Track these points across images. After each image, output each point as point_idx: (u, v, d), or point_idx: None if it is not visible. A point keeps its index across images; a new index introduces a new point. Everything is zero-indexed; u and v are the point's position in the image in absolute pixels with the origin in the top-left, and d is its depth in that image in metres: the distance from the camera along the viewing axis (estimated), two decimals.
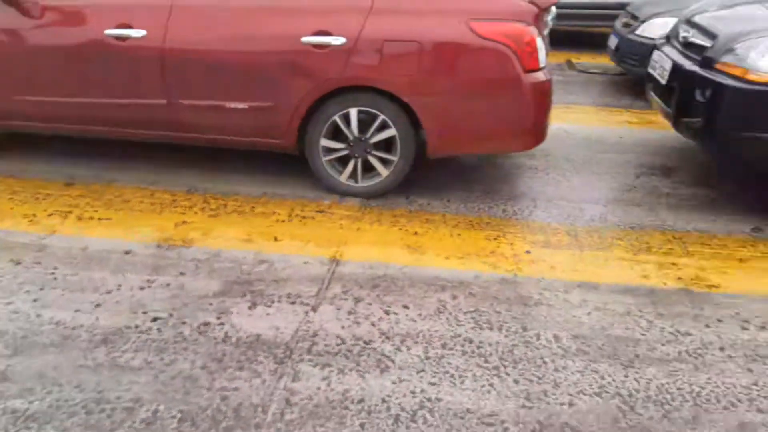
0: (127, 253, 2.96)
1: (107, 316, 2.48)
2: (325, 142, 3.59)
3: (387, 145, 3.57)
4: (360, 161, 3.60)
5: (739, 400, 2.15)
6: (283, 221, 3.36)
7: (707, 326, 2.56)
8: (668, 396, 2.15)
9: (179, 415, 1.99)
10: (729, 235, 3.39)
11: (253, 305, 2.59)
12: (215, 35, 3.51)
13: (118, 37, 3.54)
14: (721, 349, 2.42)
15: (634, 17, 6.29)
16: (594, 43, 8.47)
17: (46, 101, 3.82)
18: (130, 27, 3.53)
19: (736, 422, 2.05)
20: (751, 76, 3.29)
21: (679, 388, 2.19)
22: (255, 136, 3.69)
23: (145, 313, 2.51)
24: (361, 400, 2.09)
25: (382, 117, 3.47)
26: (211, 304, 2.58)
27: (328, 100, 3.49)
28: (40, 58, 3.73)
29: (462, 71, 3.36)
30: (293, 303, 2.61)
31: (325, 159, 3.63)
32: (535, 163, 4.33)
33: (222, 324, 2.46)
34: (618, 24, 6.60)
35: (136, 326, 2.42)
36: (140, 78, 3.61)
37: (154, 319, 2.47)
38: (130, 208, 3.45)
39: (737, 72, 3.36)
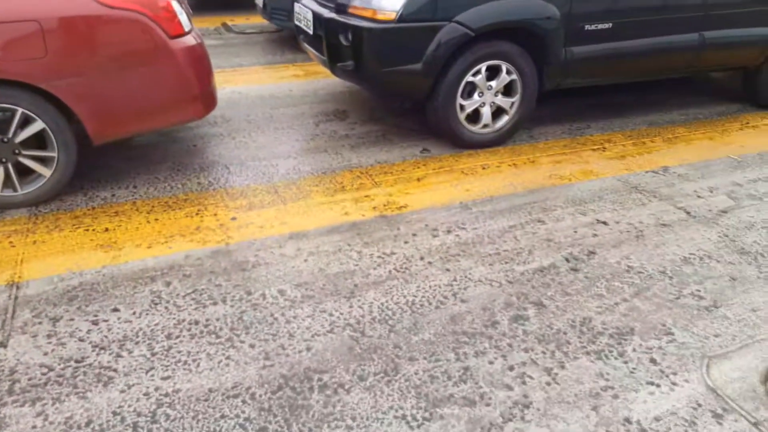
0: None
1: None
2: None
3: (41, 140, 3.09)
4: (11, 165, 3.06)
5: (446, 297, 2.46)
6: None
7: (405, 242, 2.86)
8: (389, 312, 2.35)
9: None
10: (404, 160, 3.80)
11: None
12: None
13: None
14: (421, 258, 2.74)
15: None
16: (245, 4, 8.52)
17: None
18: None
19: (449, 316, 2.35)
20: (379, 16, 3.63)
21: (396, 302, 2.41)
22: None
23: None
24: (89, 422, 1.83)
25: (20, 110, 2.97)
26: None
27: None
28: None
29: (99, 46, 3.03)
30: None
31: None
32: (218, 129, 4.23)
33: None
34: None
35: None
36: None
37: None
38: None
39: (367, 14, 3.67)
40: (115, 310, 2.35)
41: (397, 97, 4.59)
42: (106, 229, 2.93)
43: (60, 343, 2.16)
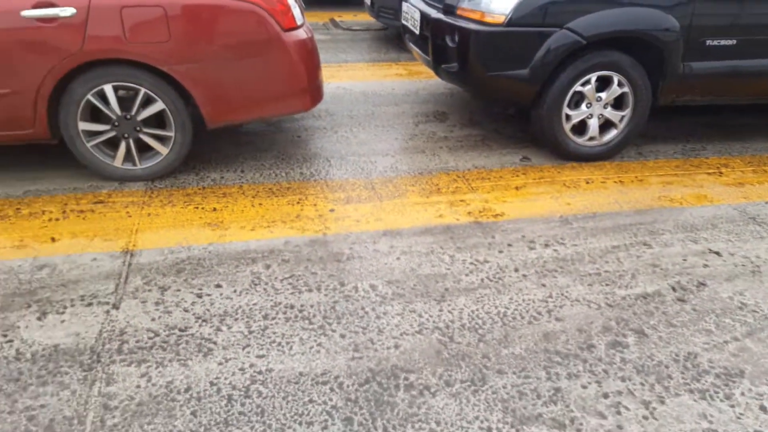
0: None
1: None
2: (84, 126, 3.19)
3: (160, 120, 3.28)
4: (132, 141, 3.27)
5: (540, 313, 2.41)
6: (58, 219, 2.94)
7: (500, 251, 2.82)
8: (479, 321, 2.33)
9: None
10: (503, 167, 3.74)
11: (42, 315, 2.24)
12: None
13: None
14: (516, 270, 2.69)
15: None
16: (353, 0, 8.70)
17: None
18: None
19: (542, 333, 2.29)
20: (487, 19, 3.59)
21: (487, 312, 2.38)
22: (2, 128, 3.15)
23: None
24: (188, 389, 1.93)
25: (144, 91, 3.16)
26: None
27: (76, 78, 3.09)
28: None
29: (217, 35, 3.18)
30: (89, 305, 2.31)
31: (89, 144, 3.24)
32: (322, 123, 4.34)
33: (10, 341, 2.09)
34: None
35: None
36: None
37: None
38: None
39: (475, 16, 3.64)
40: (218, 286, 2.46)
41: (501, 102, 4.53)
42: (214, 209, 3.08)
43: (166, 311, 2.29)
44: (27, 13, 2.91)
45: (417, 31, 4.20)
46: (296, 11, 3.36)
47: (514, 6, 3.46)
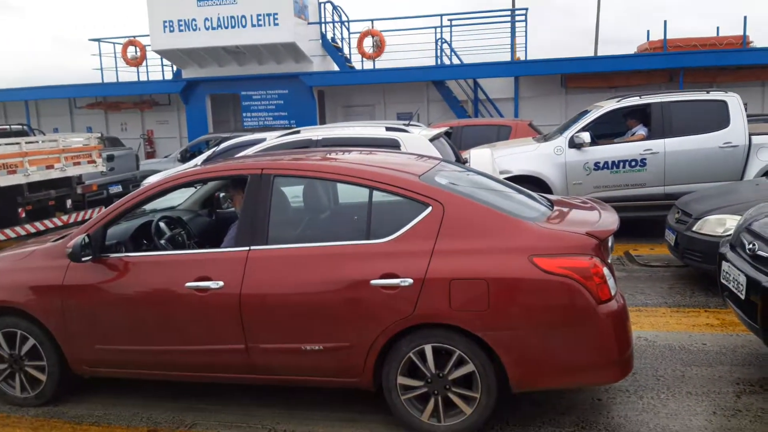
0: None
1: None
2: (402, 380, 3.53)
3: (467, 381, 3.46)
4: (440, 398, 3.48)
5: None
6: None
7: None
8: None
9: None
10: None
11: None
12: (289, 283, 3.63)
13: (198, 289, 3.70)
14: None
15: (686, 213, 6.35)
16: (651, 232, 8.47)
17: (126, 350, 3.93)
18: (209, 279, 3.70)
19: None
20: None
21: None
22: (332, 375, 3.68)
23: None
24: None
25: (458, 352, 3.42)
26: None
27: (402, 337, 3.49)
28: (120, 309, 3.90)
29: (532, 305, 3.34)
30: None
31: (403, 397, 3.54)
32: (624, 383, 4.09)
33: None
34: (671, 219, 6.65)
35: None
36: (219, 325, 3.72)
37: None
38: None
39: None
40: None
41: None
42: None
43: None
44: (376, 281, 3.47)
45: (742, 296, 3.89)
46: (611, 282, 3.40)
47: None
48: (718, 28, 15.70)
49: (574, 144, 8.38)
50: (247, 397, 4.12)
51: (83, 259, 3.85)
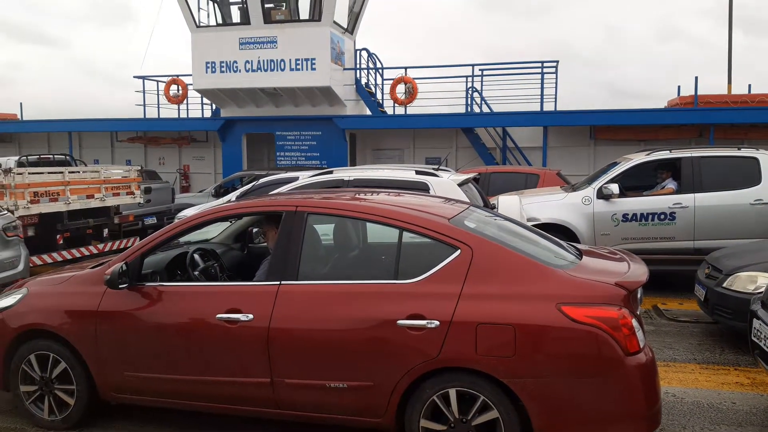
0: None
1: None
2: (425, 423, 3.52)
3: (491, 427, 3.44)
4: None
5: None
6: None
7: None
8: None
9: None
10: None
11: None
12: (317, 319, 3.69)
13: (228, 321, 3.79)
14: None
15: (717, 269, 6.28)
16: (680, 286, 8.35)
17: (155, 377, 4.01)
18: (239, 311, 3.78)
19: None
20: None
21: None
22: (354, 414, 3.69)
23: None
24: None
25: (482, 398, 3.41)
26: None
27: (427, 379, 3.50)
28: (151, 337, 3.99)
29: (559, 354, 3.33)
30: None
31: None
32: None
33: None
34: (701, 274, 6.58)
35: None
36: (246, 357, 3.78)
37: None
38: None
39: None
40: None
41: None
42: None
43: None
44: (402, 322, 3.51)
45: None
46: (639, 334, 3.38)
47: None
48: (750, 85, 15.68)
49: (602, 195, 8.39)
50: None
51: (120, 286, 3.98)
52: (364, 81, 17.84)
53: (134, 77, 19.15)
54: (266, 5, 15.98)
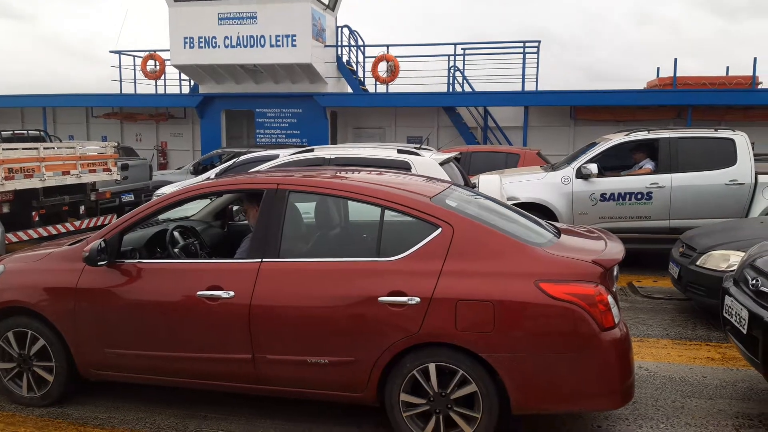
0: None
1: None
2: (405, 397, 3.58)
3: (469, 401, 3.51)
4: (442, 417, 3.53)
5: None
6: None
7: None
8: None
9: None
10: None
11: None
12: (299, 296, 3.71)
13: (210, 298, 3.79)
14: None
15: (691, 248, 6.41)
16: (654, 264, 8.51)
17: (135, 354, 4.01)
18: (220, 288, 3.79)
19: None
20: None
21: None
22: (336, 389, 3.73)
23: None
24: None
25: (461, 372, 3.48)
26: None
27: (407, 355, 3.56)
28: (131, 314, 3.99)
29: (537, 329, 3.40)
30: None
31: (405, 414, 3.59)
32: (624, 412, 4.13)
33: None
34: (675, 253, 6.71)
35: None
36: (228, 334, 3.80)
37: None
38: None
39: None
40: None
41: None
42: None
43: None
44: (383, 299, 3.54)
45: (743, 330, 3.94)
46: (615, 310, 3.46)
47: None
48: (727, 68, 15.85)
49: (581, 174, 8.48)
50: (251, 408, 4.17)
51: (99, 263, 3.95)
52: (345, 58, 17.69)
53: (110, 51, 18.78)
54: None
